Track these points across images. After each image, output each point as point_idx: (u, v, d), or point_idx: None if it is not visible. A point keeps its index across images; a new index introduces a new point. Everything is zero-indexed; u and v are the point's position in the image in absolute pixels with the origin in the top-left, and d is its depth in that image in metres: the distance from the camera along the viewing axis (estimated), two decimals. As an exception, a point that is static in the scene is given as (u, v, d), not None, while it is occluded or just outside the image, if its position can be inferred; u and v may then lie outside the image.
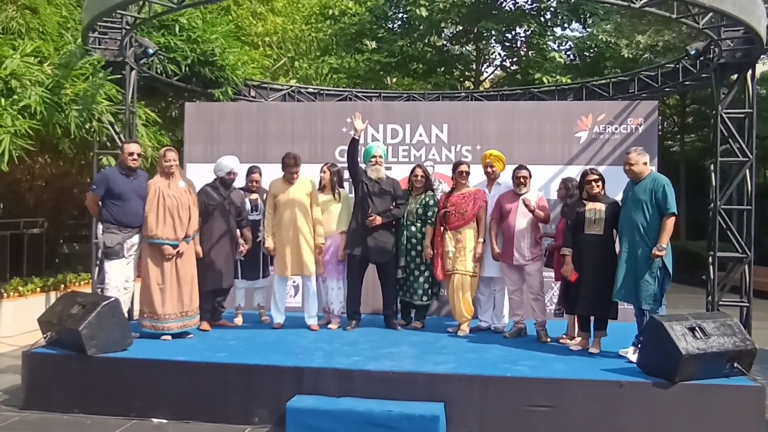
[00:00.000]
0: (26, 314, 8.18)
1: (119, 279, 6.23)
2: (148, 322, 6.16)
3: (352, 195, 7.15)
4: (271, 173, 7.32)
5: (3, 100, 6.69)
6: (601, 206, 5.91)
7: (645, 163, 5.68)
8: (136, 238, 6.26)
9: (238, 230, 6.90)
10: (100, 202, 6.23)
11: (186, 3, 7.19)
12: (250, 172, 7.35)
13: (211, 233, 6.67)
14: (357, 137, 6.84)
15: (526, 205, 6.38)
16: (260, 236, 7.05)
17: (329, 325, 6.98)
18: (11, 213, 11.78)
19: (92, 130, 7.93)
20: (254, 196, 7.23)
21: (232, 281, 6.96)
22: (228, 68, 10.18)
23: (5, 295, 8.55)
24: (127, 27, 7.71)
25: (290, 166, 6.75)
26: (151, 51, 8.35)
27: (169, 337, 6.23)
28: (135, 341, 5.80)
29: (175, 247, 6.19)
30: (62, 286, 9.52)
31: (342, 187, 7.21)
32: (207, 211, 6.64)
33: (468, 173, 6.84)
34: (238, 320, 7.19)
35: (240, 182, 7.24)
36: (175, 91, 10.55)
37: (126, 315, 6.16)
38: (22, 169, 9.77)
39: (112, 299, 5.72)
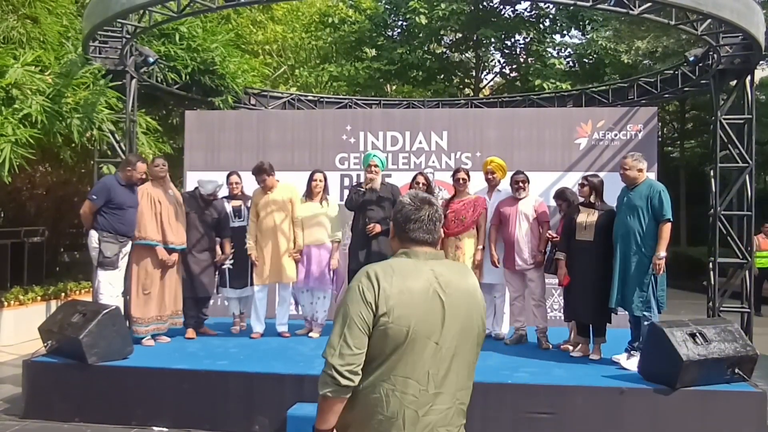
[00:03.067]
0: (27, 323, 8.17)
1: (114, 289, 6.24)
2: (136, 327, 6.20)
3: (340, 202, 7.14)
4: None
5: (4, 109, 6.71)
6: (594, 213, 5.94)
7: (640, 170, 5.68)
8: (128, 247, 6.31)
9: (221, 240, 7.00)
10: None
11: (186, 12, 7.21)
12: (228, 176, 7.30)
13: (188, 241, 6.71)
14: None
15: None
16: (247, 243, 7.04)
17: (311, 334, 6.91)
18: (12, 221, 11.77)
19: (93, 138, 7.95)
20: (237, 202, 7.17)
21: (210, 290, 6.99)
22: (228, 76, 10.20)
23: (6, 303, 8.54)
24: (128, 36, 7.72)
25: (256, 174, 6.77)
26: (151, 59, 8.36)
27: (152, 341, 6.33)
28: (135, 349, 5.80)
29: (168, 251, 6.34)
30: (63, 294, 9.52)
31: (328, 194, 7.10)
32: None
33: (466, 180, 6.84)
34: (242, 326, 7.23)
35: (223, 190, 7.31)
36: (175, 100, 10.56)
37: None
38: (22, 177, 9.79)
39: (113, 308, 5.72)
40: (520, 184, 6.63)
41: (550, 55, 18.69)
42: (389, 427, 2.19)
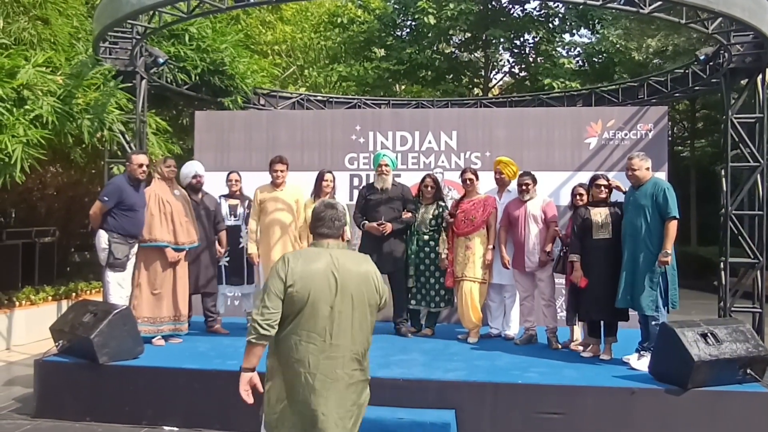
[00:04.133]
0: (38, 323, 8.23)
1: (123, 290, 6.26)
2: (144, 327, 6.18)
3: (350, 203, 7.14)
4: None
5: (15, 110, 6.73)
6: (606, 211, 5.92)
7: (647, 168, 5.68)
8: (136, 248, 6.32)
9: (217, 234, 7.08)
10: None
11: (196, 13, 7.22)
12: (228, 174, 7.38)
13: None
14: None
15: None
16: (242, 242, 7.07)
17: None
18: (23, 222, 11.84)
19: (103, 138, 7.98)
20: (234, 201, 7.23)
21: (214, 286, 7.09)
22: (238, 77, 10.21)
23: (17, 303, 8.60)
24: (138, 37, 7.74)
25: (275, 162, 6.75)
26: (161, 60, 8.38)
27: (162, 341, 6.35)
28: (146, 349, 5.82)
29: (177, 250, 6.35)
30: (74, 294, 9.59)
31: (335, 194, 7.08)
32: None
33: (473, 180, 6.82)
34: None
35: (223, 189, 7.39)
36: (185, 100, 10.60)
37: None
38: (33, 178, 9.84)
39: (124, 307, 5.75)
40: (524, 187, 6.61)
41: (559, 54, 18.66)
42: (299, 367, 3.08)
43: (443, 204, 7.02)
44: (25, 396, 6.05)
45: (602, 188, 6.01)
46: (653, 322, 5.46)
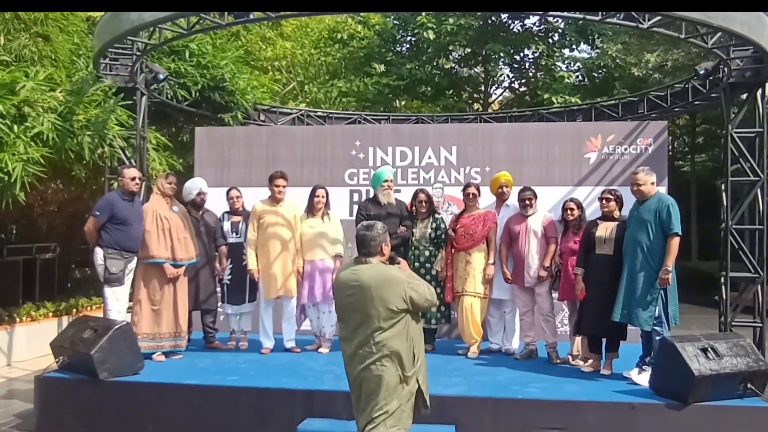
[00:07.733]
0: (39, 339, 8.21)
1: (121, 305, 6.25)
2: (144, 343, 6.16)
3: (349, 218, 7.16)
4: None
5: (16, 126, 6.74)
6: (612, 225, 5.91)
7: (652, 183, 5.67)
8: (134, 263, 6.31)
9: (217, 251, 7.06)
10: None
11: (196, 29, 7.27)
12: (228, 191, 7.29)
13: None
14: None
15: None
16: (245, 260, 6.90)
17: (320, 350, 6.86)
18: (24, 238, 11.84)
19: (104, 155, 8.00)
20: (237, 218, 7.13)
21: (214, 303, 7.07)
22: (238, 93, 10.26)
23: (18, 319, 8.59)
24: (138, 53, 7.79)
25: (277, 177, 6.73)
26: (161, 76, 8.43)
27: (163, 357, 6.34)
28: (146, 365, 5.81)
29: (175, 266, 6.33)
30: (74, 310, 9.57)
31: (329, 209, 7.03)
32: None
33: (477, 195, 6.83)
34: (242, 344, 7.17)
35: (223, 205, 7.33)
36: (185, 116, 10.63)
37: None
38: (34, 194, 9.86)
39: (124, 323, 5.74)
40: (527, 201, 6.62)
41: (559, 69, 18.70)
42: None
43: (439, 216, 7.00)
44: (26, 412, 6.03)
45: (603, 201, 6.03)
46: (656, 337, 5.44)
